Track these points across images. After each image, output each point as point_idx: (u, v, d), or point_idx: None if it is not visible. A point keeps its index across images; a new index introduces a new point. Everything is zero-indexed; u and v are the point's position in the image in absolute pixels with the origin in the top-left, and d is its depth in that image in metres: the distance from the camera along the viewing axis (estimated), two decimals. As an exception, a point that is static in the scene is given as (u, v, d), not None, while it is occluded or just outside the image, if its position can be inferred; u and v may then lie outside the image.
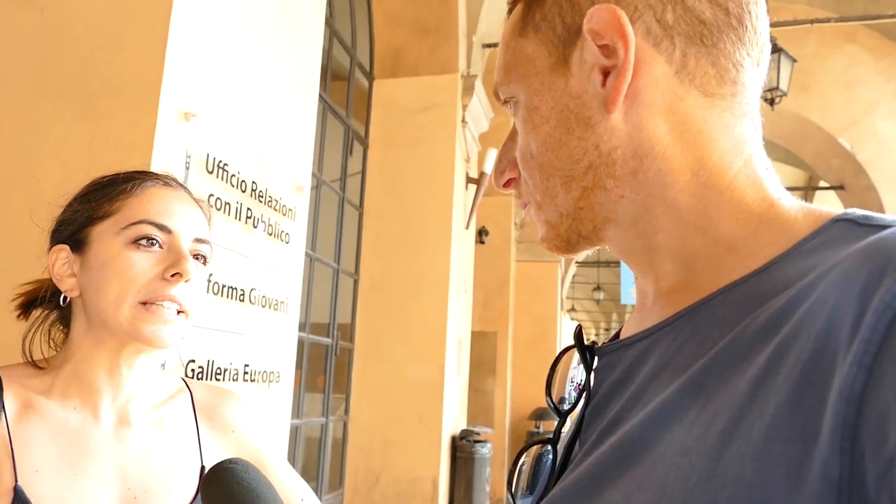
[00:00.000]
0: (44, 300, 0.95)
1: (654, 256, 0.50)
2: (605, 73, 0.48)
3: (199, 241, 0.93)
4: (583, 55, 0.49)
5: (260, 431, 1.05)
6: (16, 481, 0.79)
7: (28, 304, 0.96)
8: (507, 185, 0.57)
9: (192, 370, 1.92)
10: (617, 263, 12.13)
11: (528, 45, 0.52)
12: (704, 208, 0.47)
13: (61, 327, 0.95)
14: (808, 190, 8.73)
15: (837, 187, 7.31)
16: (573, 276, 14.30)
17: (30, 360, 0.91)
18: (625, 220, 0.50)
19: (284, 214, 2.49)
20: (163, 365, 1.74)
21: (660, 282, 0.51)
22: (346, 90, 4.73)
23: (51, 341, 0.96)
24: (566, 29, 0.50)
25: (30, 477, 0.80)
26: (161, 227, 0.88)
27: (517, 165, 0.55)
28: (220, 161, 2.05)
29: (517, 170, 0.55)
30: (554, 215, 0.52)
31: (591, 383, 0.53)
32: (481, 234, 7.68)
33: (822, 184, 7.98)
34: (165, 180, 0.95)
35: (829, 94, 6.77)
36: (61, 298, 0.92)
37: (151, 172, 0.96)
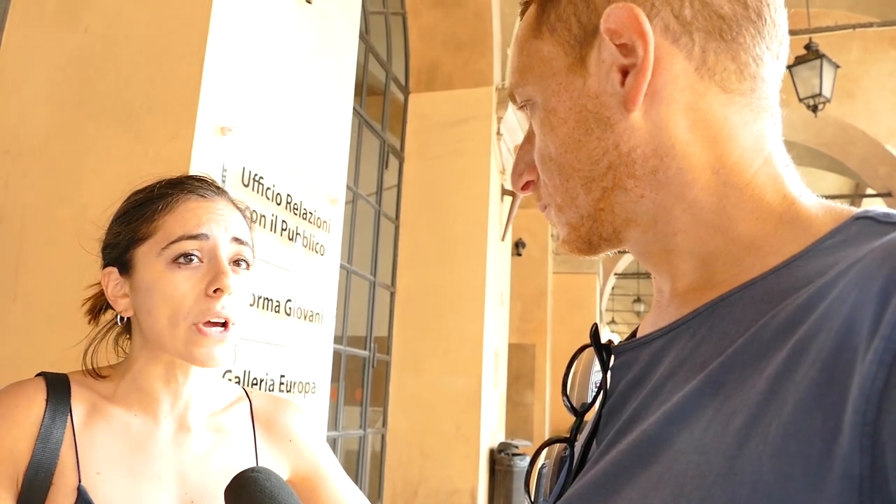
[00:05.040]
0: (107, 308, 0.97)
1: (671, 257, 0.50)
2: (624, 72, 0.47)
3: (237, 240, 0.93)
4: (600, 55, 0.48)
5: (318, 442, 1.05)
6: (79, 481, 0.82)
7: (96, 309, 0.99)
8: (525, 187, 0.57)
9: (229, 381, 1.95)
10: (657, 275, 11.93)
11: (544, 46, 0.52)
12: (724, 207, 0.47)
13: (128, 336, 0.98)
14: (854, 198, 8.51)
15: (885, 194, 7.11)
16: (612, 288, 14.14)
17: (91, 369, 0.93)
18: (644, 220, 0.49)
19: (319, 227, 2.52)
20: (226, 373, 1.77)
21: (677, 281, 0.50)
22: (381, 104, 4.78)
23: (119, 349, 0.99)
24: (582, 28, 0.49)
25: (92, 478, 0.83)
26: (197, 236, 0.89)
27: (535, 168, 0.55)
28: (256, 174, 2.09)
29: (535, 172, 0.55)
30: (575, 217, 0.52)
31: (608, 382, 0.52)
32: (518, 246, 7.67)
33: (869, 191, 7.77)
34: (201, 191, 0.95)
35: (875, 99, 6.61)
36: (118, 318, 0.94)
37: (185, 181, 0.96)
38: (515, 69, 0.55)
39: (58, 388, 0.88)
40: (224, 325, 0.89)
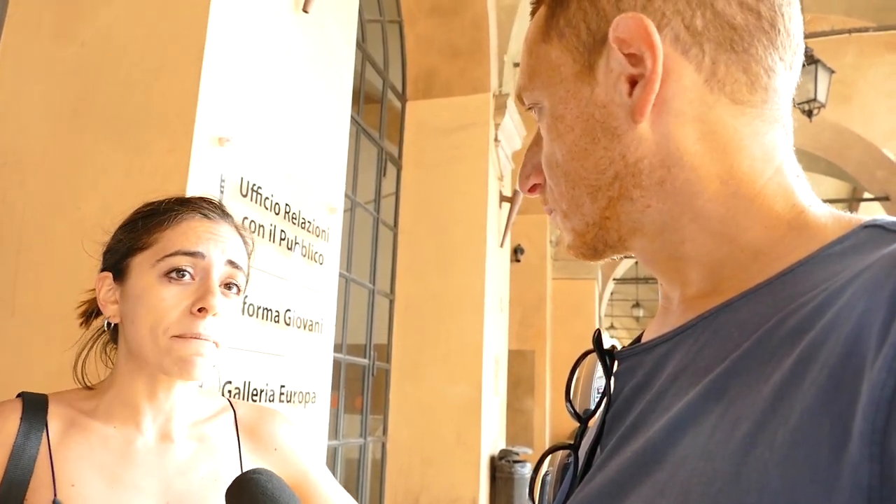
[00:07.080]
0: (98, 313, 0.98)
1: (680, 265, 0.49)
2: (632, 83, 0.47)
3: (232, 264, 0.94)
4: (609, 64, 0.48)
5: (304, 451, 1.05)
6: (54, 496, 0.83)
7: (89, 313, 1.00)
8: (532, 190, 0.56)
9: (229, 391, 1.94)
10: (656, 279, 11.95)
11: (553, 51, 0.51)
12: (733, 216, 0.46)
13: (114, 346, 0.99)
14: (852, 202, 8.53)
15: (882, 198, 7.12)
16: (611, 293, 14.14)
17: (81, 381, 0.95)
18: (651, 229, 0.49)
19: (318, 236, 2.51)
20: (200, 385, 1.76)
21: (685, 289, 0.50)
22: (379, 112, 4.78)
23: (107, 358, 1.00)
24: (591, 36, 0.49)
25: (67, 491, 0.84)
26: (193, 254, 0.90)
27: (542, 171, 0.54)
28: (254, 184, 2.08)
29: (542, 175, 0.54)
30: (580, 224, 0.52)
31: (612, 388, 0.52)
32: (517, 252, 7.66)
33: (867, 195, 7.79)
34: (205, 211, 0.96)
35: (872, 103, 6.64)
36: (105, 323, 0.96)
37: (193, 201, 0.97)
38: (524, 71, 0.54)
39: (34, 406, 0.88)
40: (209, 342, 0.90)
